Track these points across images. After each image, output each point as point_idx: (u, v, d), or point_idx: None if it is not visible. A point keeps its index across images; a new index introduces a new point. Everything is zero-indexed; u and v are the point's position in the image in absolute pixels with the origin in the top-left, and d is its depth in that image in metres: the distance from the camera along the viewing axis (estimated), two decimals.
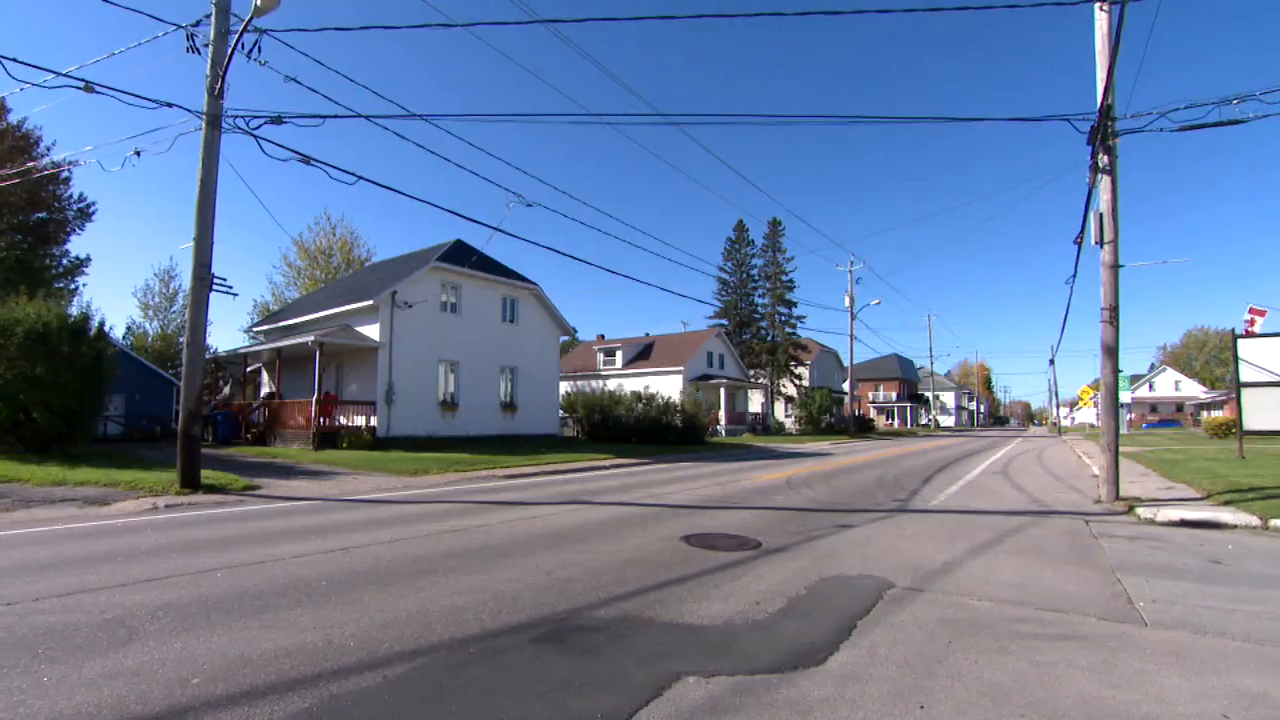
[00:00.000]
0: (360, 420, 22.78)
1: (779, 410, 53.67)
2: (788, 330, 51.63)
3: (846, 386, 51.87)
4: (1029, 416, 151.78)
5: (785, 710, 3.06)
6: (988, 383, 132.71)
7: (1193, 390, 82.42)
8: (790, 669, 3.56)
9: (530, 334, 28.78)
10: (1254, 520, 8.43)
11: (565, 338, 32.68)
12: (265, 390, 27.96)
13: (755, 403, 51.70)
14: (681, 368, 41.78)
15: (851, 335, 45.97)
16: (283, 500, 10.41)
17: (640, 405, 29.38)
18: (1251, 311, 32.02)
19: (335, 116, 11.02)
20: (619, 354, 46.06)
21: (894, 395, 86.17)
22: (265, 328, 29.64)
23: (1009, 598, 5.06)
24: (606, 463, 18.27)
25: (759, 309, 52.73)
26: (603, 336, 56.28)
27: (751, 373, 50.93)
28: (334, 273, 45.43)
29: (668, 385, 38.47)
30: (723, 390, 42.78)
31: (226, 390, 29.34)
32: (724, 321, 51.79)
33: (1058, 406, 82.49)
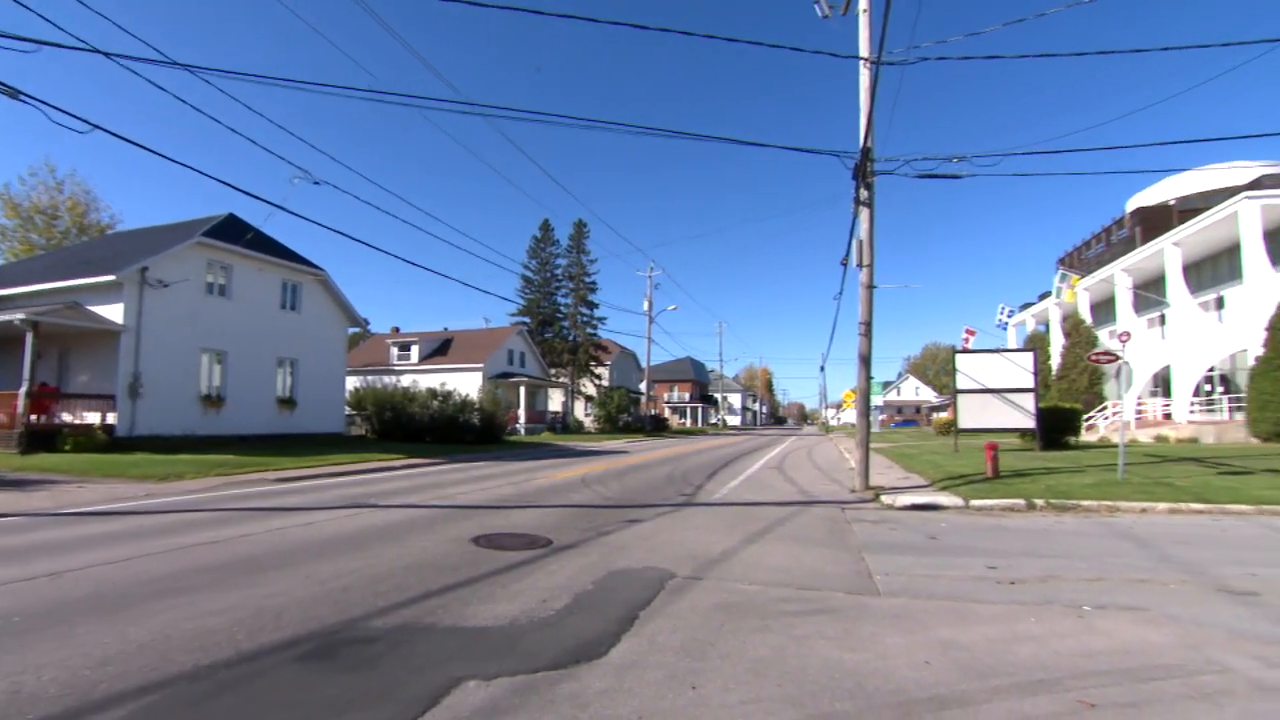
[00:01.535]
0: (93, 417, 19.15)
1: (579, 409, 54.55)
2: (589, 331, 52.71)
3: (643, 387, 54.18)
4: (803, 417, 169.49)
5: (565, 705, 3.10)
6: (769, 386, 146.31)
7: (928, 395, 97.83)
8: (573, 664, 3.61)
9: (315, 324, 26.28)
10: (960, 502, 10.22)
11: (355, 329, 30.36)
12: None
13: (555, 401, 52.02)
14: (481, 364, 40.78)
15: (649, 338, 48.16)
16: None
17: (436, 402, 28.17)
18: (967, 331, 38.77)
19: (61, 46, 8.95)
20: (415, 349, 43.78)
21: (687, 396, 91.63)
22: None
23: (775, 580, 5.60)
24: (397, 463, 17.26)
25: (561, 309, 53.20)
26: (398, 330, 53.20)
27: (552, 372, 51.20)
28: (60, 238, 37.83)
29: (466, 382, 37.29)
30: (522, 389, 42.48)
31: None
32: (526, 319, 51.50)
33: (826, 408, 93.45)
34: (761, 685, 3.37)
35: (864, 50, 11.50)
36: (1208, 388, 27.91)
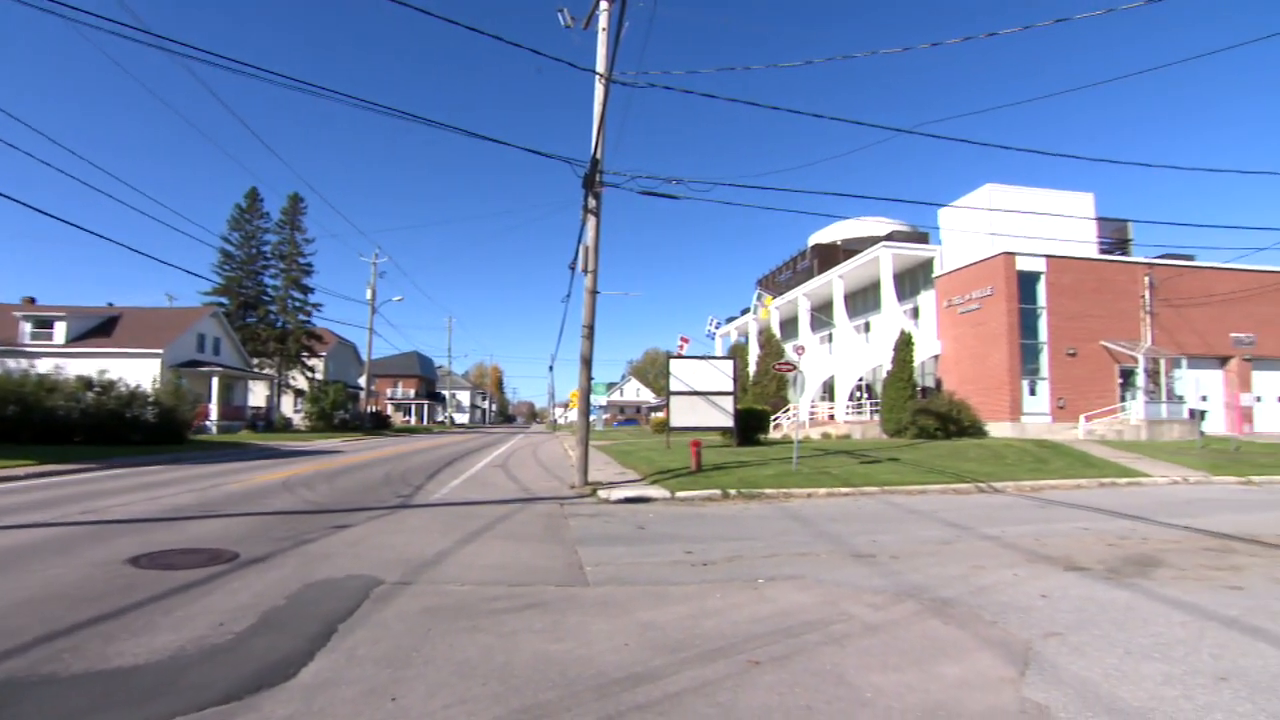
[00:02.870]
0: None
1: (287, 405, 48.71)
2: (302, 317, 47.17)
3: (363, 381, 50.23)
4: (533, 415, 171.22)
5: None
6: (499, 384, 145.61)
7: (648, 396, 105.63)
8: (252, 692, 3.18)
9: None
10: (667, 494, 11.22)
11: None
12: None
13: (259, 396, 45.78)
14: (161, 350, 34.25)
15: (371, 329, 44.87)
16: None
17: (91, 394, 22.88)
18: (681, 339, 42.74)
19: None
20: (61, 326, 35.13)
21: (413, 392, 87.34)
22: None
23: (489, 579, 5.56)
24: (22, 471, 13.61)
25: (269, 291, 46.83)
26: (33, 300, 42.23)
27: (256, 362, 44.96)
28: None
29: (140, 370, 30.90)
30: (215, 380, 36.64)
31: None
32: (224, 300, 44.39)
33: (555, 406, 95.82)
34: (467, 686, 3.31)
35: (600, 66, 12.04)
36: (858, 394, 34.52)
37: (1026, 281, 26.11)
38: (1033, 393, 26.02)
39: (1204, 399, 27.45)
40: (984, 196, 27.53)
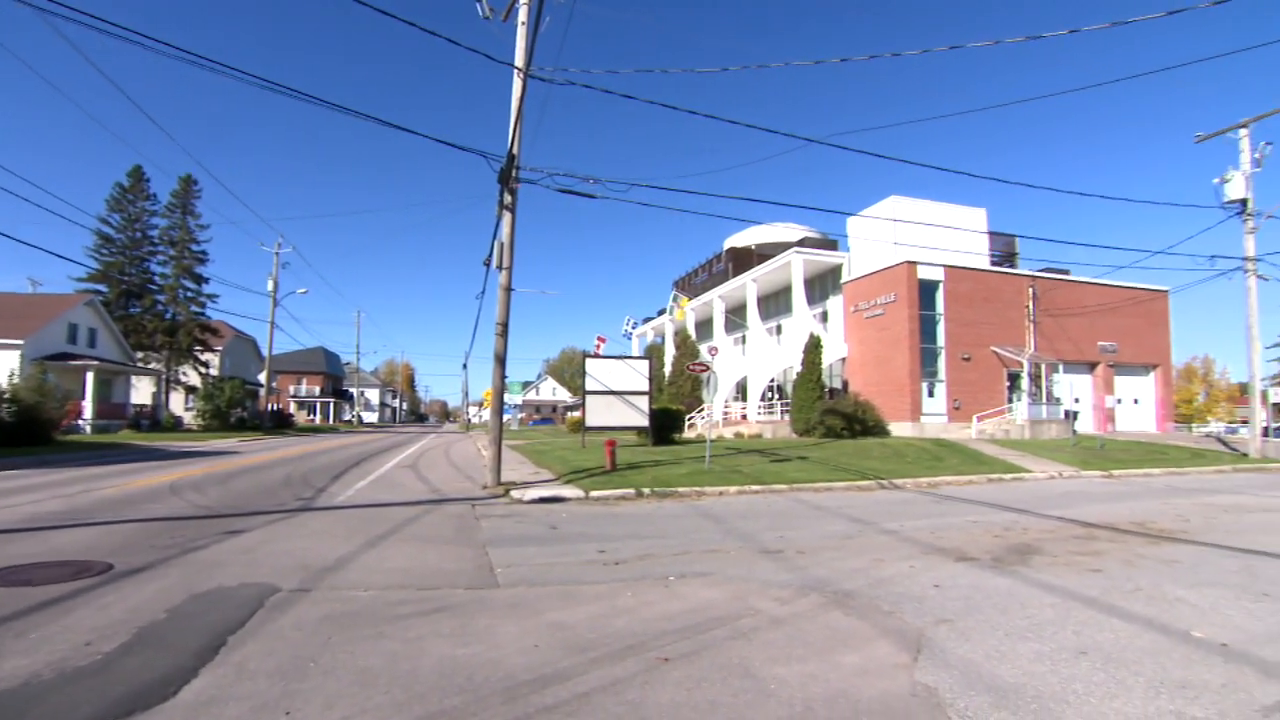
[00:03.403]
0: None
1: (177, 402, 45.29)
2: (194, 309, 43.90)
3: (264, 378, 47.41)
4: (446, 414, 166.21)
5: None
6: (411, 382, 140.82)
7: (564, 395, 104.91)
8: (122, 717, 2.92)
9: None
10: (581, 493, 11.18)
11: None
12: None
13: (144, 393, 42.30)
14: (21, 341, 31.06)
15: (272, 323, 42.38)
16: None
17: None
18: (598, 339, 42.70)
19: None
20: None
21: (318, 390, 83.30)
22: None
23: (395, 583, 5.36)
24: None
25: (157, 279, 43.27)
26: None
27: (141, 355, 41.52)
28: None
29: None
30: (91, 375, 33.57)
31: None
32: (102, 288, 40.66)
33: (468, 405, 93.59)
34: (368, 695, 3.18)
35: (519, 60, 11.85)
36: (770, 394, 35.59)
37: (926, 289, 27.70)
38: (931, 394, 27.62)
39: (1076, 401, 30.01)
40: (889, 207, 29.01)
